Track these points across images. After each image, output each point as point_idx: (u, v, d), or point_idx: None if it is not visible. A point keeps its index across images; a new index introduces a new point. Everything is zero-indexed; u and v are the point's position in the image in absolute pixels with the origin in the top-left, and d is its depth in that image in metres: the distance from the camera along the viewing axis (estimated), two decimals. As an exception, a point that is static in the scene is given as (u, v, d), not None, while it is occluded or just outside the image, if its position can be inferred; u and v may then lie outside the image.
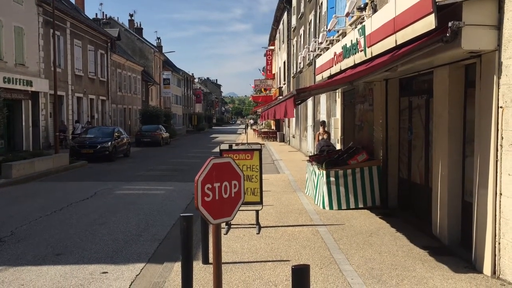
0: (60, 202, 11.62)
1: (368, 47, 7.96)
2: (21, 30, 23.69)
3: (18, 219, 9.66)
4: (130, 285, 5.98)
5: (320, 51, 16.12)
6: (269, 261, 6.58)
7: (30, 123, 24.86)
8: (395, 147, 10.12)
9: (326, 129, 14.54)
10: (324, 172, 10.05)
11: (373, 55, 7.77)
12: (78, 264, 6.74)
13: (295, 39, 29.28)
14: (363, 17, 11.08)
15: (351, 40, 9.13)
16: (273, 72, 47.41)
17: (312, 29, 21.60)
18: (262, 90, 50.54)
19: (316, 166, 10.93)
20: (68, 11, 29.78)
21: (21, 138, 24.07)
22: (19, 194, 12.91)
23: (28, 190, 13.64)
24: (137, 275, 6.37)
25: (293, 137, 31.22)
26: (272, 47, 47.87)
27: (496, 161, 5.69)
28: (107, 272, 6.43)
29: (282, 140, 37.89)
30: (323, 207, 10.13)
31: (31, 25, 24.93)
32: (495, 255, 5.77)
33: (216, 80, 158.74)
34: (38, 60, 25.66)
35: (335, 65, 10.73)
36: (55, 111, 21.89)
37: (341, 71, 10.25)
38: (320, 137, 14.01)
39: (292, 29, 30.52)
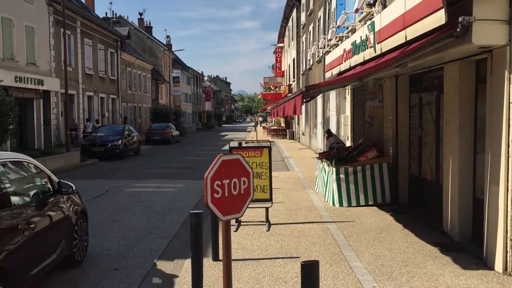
0: (72, 200, 11.70)
1: (378, 43, 7.92)
2: (32, 30, 23.87)
3: (31, 216, 9.75)
4: (141, 282, 6.03)
5: (330, 48, 16.07)
6: (279, 258, 6.59)
7: (42, 122, 25.05)
8: (406, 144, 10.07)
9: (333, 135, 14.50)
10: (334, 169, 10.03)
11: (382, 51, 7.74)
12: (89, 261, 6.80)
13: (304, 36, 29.18)
14: (373, 13, 11.02)
15: (361, 37, 9.10)
16: (282, 69, 47.30)
17: (321, 26, 21.53)
18: (272, 87, 50.50)
19: (326, 163, 10.91)
20: (78, 10, 29.95)
21: (33, 137, 24.27)
22: (31, 192, 13.02)
23: (40, 188, 13.75)
24: (148, 272, 6.41)
25: (303, 134, 31.16)
26: (281, 44, 47.73)
27: (508, 157, 5.64)
28: (118, 269, 6.48)
29: (292, 137, 37.81)
30: (333, 204, 10.11)
31: (42, 25, 25.10)
32: (506, 252, 5.72)
33: (226, 78, 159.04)
34: (49, 59, 25.84)
35: (345, 61, 10.70)
36: (66, 109, 22.05)
37: (351, 68, 10.22)
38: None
39: (301, 26, 30.42)
